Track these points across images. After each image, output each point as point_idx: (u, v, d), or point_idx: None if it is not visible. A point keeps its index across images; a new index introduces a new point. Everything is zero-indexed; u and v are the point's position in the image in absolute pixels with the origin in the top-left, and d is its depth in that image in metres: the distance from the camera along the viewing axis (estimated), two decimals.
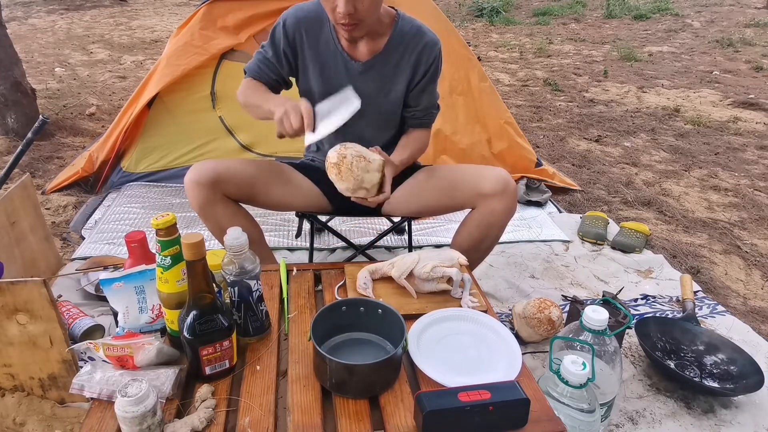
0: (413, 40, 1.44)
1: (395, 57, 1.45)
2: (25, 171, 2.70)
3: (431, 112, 1.58)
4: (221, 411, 0.90)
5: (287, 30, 1.44)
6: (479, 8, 8.53)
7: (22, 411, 1.30)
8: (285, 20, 1.44)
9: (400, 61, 1.46)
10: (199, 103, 2.53)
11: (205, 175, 1.41)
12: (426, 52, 1.45)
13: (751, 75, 5.11)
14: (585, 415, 1.08)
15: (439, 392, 0.88)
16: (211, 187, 1.41)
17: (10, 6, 8.76)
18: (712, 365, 1.53)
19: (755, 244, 2.32)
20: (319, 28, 1.44)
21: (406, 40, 1.44)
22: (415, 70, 1.47)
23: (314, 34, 1.44)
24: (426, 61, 1.46)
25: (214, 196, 1.42)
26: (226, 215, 1.44)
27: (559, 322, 1.56)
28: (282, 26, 1.44)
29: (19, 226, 1.72)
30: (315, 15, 1.44)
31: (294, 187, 1.57)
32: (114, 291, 1.04)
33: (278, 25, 1.45)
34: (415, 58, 1.45)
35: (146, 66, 5.31)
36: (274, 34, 1.46)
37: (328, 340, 1.06)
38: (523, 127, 3.39)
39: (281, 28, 1.44)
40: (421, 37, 1.45)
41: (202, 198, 1.41)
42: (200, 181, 1.40)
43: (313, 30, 1.44)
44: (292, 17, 1.44)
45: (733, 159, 3.23)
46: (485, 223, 1.47)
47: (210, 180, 1.40)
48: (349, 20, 1.27)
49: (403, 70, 1.47)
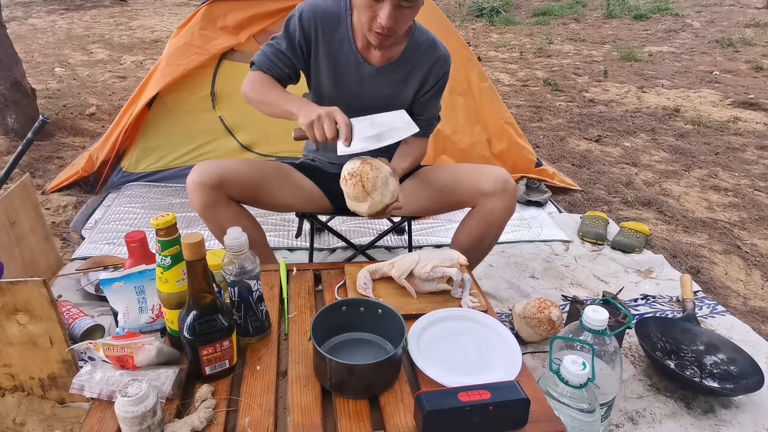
0: (427, 52, 1.46)
1: (407, 66, 1.46)
2: (25, 171, 2.70)
3: (432, 123, 1.60)
4: (221, 411, 0.90)
5: (303, 22, 1.41)
6: (479, 8, 8.53)
7: (22, 411, 1.30)
8: (301, 12, 1.41)
9: (412, 71, 1.47)
10: (199, 103, 2.53)
11: (210, 176, 1.39)
12: (437, 66, 1.47)
13: (751, 75, 5.11)
14: (585, 415, 1.08)
15: (439, 392, 0.88)
16: (215, 189, 1.39)
17: (10, 6, 8.76)
18: (712, 365, 1.53)
19: (755, 244, 2.32)
20: (335, 26, 1.42)
21: (420, 52, 1.46)
22: (424, 81, 1.48)
23: (330, 31, 1.42)
24: (436, 74, 1.48)
25: (217, 197, 1.40)
26: (229, 217, 1.43)
27: (559, 322, 1.56)
28: (298, 18, 1.41)
29: (19, 226, 1.72)
30: (333, 12, 1.42)
31: (296, 187, 1.57)
32: (114, 291, 1.04)
33: (293, 17, 1.42)
34: (426, 69, 1.47)
35: (146, 66, 5.31)
36: (288, 25, 1.43)
37: (328, 340, 1.06)
38: (523, 127, 3.39)
39: (297, 20, 1.41)
40: (435, 50, 1.46)
41: (206, 200, 1.39)
42: (204, 183, 1.38)
43: (330, 27, 1.42)
44: (309, 11, 1.41)
45: (733, 159, 3.22)
46: (485, 221, 1.48)
47: (214, 181, 1.38)
48: (387, 32, 1.28)
49: (413, 79, 1.48)
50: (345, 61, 1.45)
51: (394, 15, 1.24)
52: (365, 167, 1.28)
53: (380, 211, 1.31)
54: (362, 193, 1.28)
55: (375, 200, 1.28)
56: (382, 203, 1.29)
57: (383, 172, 1.30)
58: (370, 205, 1.29)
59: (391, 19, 1.24)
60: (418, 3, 1.27)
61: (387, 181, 1.30)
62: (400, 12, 1.26)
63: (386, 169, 1.31)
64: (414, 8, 1.28)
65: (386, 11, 1.23)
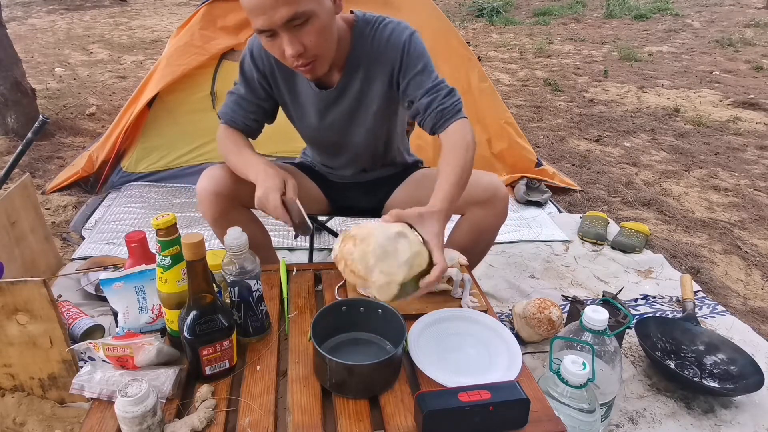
0: (375, 39, 1.27)
1: (363, 65, 1.29)
2: (25, 171, 2.70)
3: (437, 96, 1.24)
4: (221, 411, 0.90)
5: (256, 60, 1.32)
6: (479, 8, 8.53)
7: (22, 411, 1.30)
8: (251, 51, 1.33)
9: (370, 67, 1.29)
10: (199, 103, 2.53)
11: (225, 185, 1.33)
12: (390, 48, 1.26)
13: (751, 75, 5.11)
14: (585, 415, 1.08)
15: (439, 392, 0.88)
16: (229, 197, 1.34)
17: (10, 6, 8.76)
18: (712, 365, 1.53)
19: (755, 244, 2.32)
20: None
21: (368, 42, 1.27)
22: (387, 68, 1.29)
23: (284, 66, 1.31)
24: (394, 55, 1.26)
25: (231, 205, 1.36)
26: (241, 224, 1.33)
27: (559, 322, 1.56)
28: (250, 57, 1.33)
29: (19, 226, 1.72)
30: None
31: (301, 188, 1.55)
32: (114, 291, 1.04)
33: (245, 57, 1.34)
34: (383, 58, 1.28)
35: (146, 66, 5.31)
36: (243, 67, 1.35)
37: (328, 340, 1.06)
38: (523, 127, 3.39)
39: (249, 59, 1.33)
40: (382, 32, 1.26)
41: (220, 209, 1.34)
42: (219, 192, 1.33)
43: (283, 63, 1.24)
44: (258, 48, 1.31)
45: (733, 159, 3.22)
46: (476, 230, 1.42)
47: (231, 190, 1.34)
48: (303, 60, 1.14)
49: (374, 76, 1.31)
50: (305, 94, 1.36)
51: (296, 39, 1.10)
52: (346, 245, 0.99)
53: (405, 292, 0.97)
54: (360, 280, 0.98)
55: (380, 282, 0.95)
56: (396, 282, 0.95)
57: (373, 242, 0.96)
58: (378, 291, 0.96)
59: (295, 46, 1.10)
60: (311, 12, 1.08)
61: (386, 251, 0.95)
62: (300, 32, 1.10)
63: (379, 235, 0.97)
64: (312, 20, 1.09)
65: (285, 41, 1.10)
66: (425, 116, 1.26)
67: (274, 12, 1.05)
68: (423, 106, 1.26)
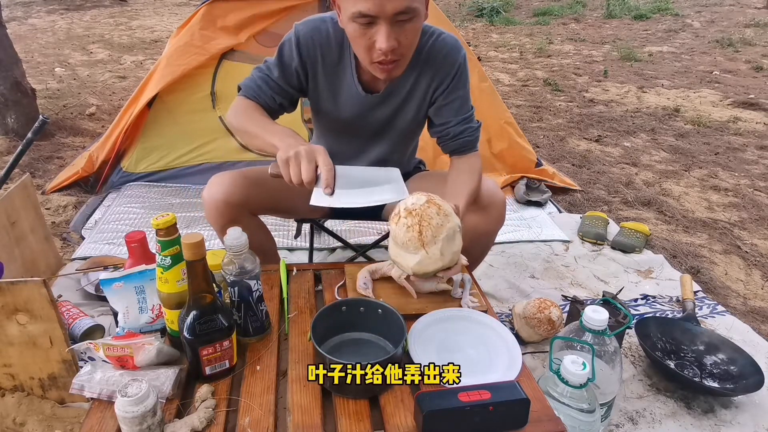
0: (430, 50, 1.27)
1: (413, 75, 1.29)
2: (25, 171, 2.70)
3: (469, 127, 1.33)
4: (221, 411, 0.90)
5: (301, 49, 1.27)
6: (479, 8, 8.54)
7: (22, 411, 1.30)
8: (298, 38, 1.26)
9: (419, 77, 1.30)
10: (199, 103, 2.53)
11: (235, 195, 1.30)
12: (446, 64, 1.28)
13: (751, 75, 5.11)
14: (585, 415, 1.08)
15: (439, 392, 0.88)
16: (238, 206, 1.31)
17: (10, 6, 8.77)
18: (712, 365, 1.53)
19: (755, 244, 2.32)
20: (338, 56, 1.28)
21: (423, 51, 1.27)
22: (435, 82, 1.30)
23: (331, 63, 1.29)
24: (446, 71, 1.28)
25: (240, 213, 1.33)
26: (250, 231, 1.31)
27: (559, 322, 1.56)
28: (295, 44, 1.26)
29: (19, 226, 1.72)
30: (335, 40, 1.27)
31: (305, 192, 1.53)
32: (114, 291, 1.04)
33: (288, 42, 1.27)
34: (433, 71, 1.29)
35: (146, 66, 5.31)
36: (282, 51, 1.28)
37: (328, 340, 1.06)
38: (523, 127, 3.39)
39: (294, 46, 1.26)
40: (440, 46, 1.27)
41: (230, 218, 1.30)
42: (229, 201, 1.29)
43: (331, 57, 1.28)
44: (307, 37, 1.26)
45: (733, 159, 3.22)
46: (472, 234, 1.39)
47: (242, 200, 1.31)
48: (392, 57, 1.11)
49: (420, 86, 1.31)
50: (347, 94, 1.33)
51: (394, 34, 1.07)
52: (430, 208, 1.01)
53: (429, 273, 1.03)
54: (416, 242, 1.00)
55: (429, 256, 1.00)
56: (436, 264, 1.01)
57: (451, 222, 1.02)
58: (420, 261, 1.01)
59: (391, 41, 1.07)
60: (418, 11, 1.08)
61: (453, 235, 1.02)
62: (401, 28, 1.08)
63: (456, 220, 1.04)
64: (415, 19, 1.09)
65: (383, 33, 1.06)
66: (453, 140, 1.35)
67: (389, 1, 1.03)
68: (455, 132, 1.33)
